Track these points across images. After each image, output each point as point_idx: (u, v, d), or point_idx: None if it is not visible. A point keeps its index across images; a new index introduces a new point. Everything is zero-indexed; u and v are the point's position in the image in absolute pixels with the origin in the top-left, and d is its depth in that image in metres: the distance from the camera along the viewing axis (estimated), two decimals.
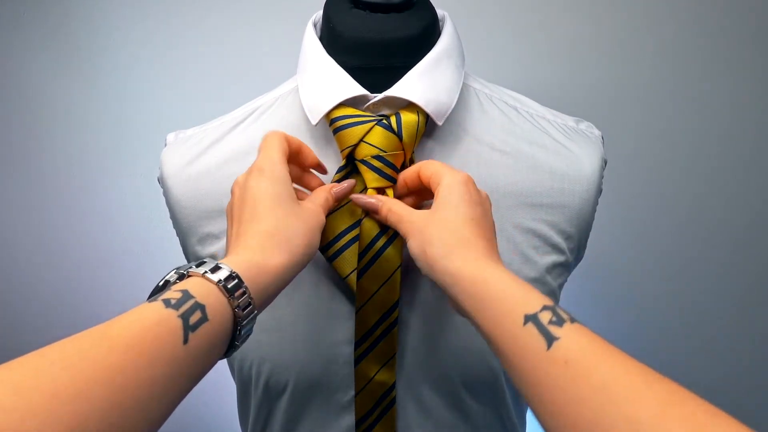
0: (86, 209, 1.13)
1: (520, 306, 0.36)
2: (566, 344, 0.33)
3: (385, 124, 0.46)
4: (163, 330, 0.31)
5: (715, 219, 0.99)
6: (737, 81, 0.92)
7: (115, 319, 0.32)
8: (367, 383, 0.50)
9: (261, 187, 0.42)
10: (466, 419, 0.53)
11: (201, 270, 0.36)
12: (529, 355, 0.34)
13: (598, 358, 0.32)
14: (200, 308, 0.33)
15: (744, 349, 1.05)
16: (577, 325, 0.34)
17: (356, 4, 0.48)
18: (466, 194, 0.42)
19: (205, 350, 0.34)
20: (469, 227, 0.41)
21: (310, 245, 0.42)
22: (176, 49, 1.01)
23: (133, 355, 0.30)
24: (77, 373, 0.27)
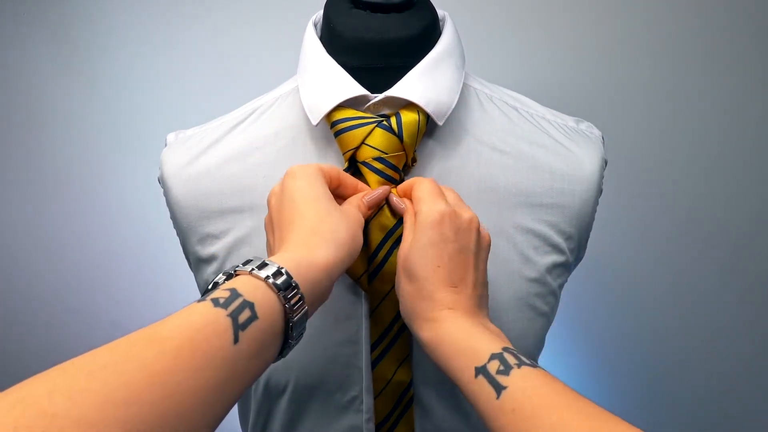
0: (86, 209, 1.13)
1: (471, 359, 0.38)
2: (512, 392, 0.34)
3: (386, 126, 0.46)
4: (212, 331, 0.30)
5: (715, 219, 0.99)
6: (737, 81, 0.92)
7: (163, 321, 0.31)
8: (386, 385, 0.50)
9: (298, 186, 0.42)
10: (466, 420, 0.53)
11: (248, 268, 0.35)
12: (483, 405, 0.36)
13: (544, 403, 0.33)
14: (249, 306, 0.33)
15: (745, 349, 1.05)
16: (525, 369, 0.35)
17: (356, 4, 0.48)
18: (435, 236, 0.43)
19: (257, 349, 0.33)
20: (434, 277, 0.42)
21: (355, 240, 0.42)
22: (176, 49, 1.01)
23: (184, 358, 0.29)
24: (128, 377, 0.27)
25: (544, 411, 0.32)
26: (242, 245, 0.51)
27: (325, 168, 0.45)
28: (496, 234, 0.50)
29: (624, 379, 1.09)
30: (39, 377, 0.26)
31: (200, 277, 0.54)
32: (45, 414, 0.24)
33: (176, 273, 1.10)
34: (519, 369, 0.35)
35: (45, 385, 0.26)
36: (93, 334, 1.20)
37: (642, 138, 0.97)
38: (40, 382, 0.26)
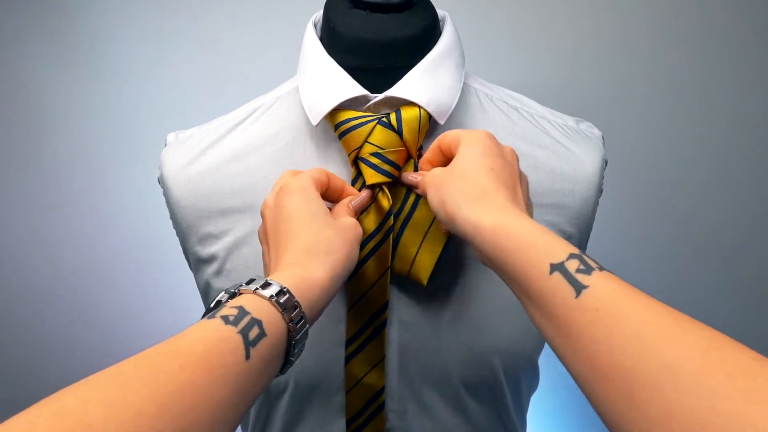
0: (86, 209, 1.13)
1: (546, 255, 0.34)
2: (595, 292, 0.32)
3: (385, 122, 0.46)
4: (225, 347, 0.31)
5: (715, 219, 0.99)
6: (738, 81, 0.92)
7: (179, 337, 0.31)
8: (355, 384, 0.50)
9: (293, 203, 0.42)
10: (466, 420, 0.53)
11: (252, 287, 0.36)
12: (557, 304, 0.33)
13: (630, 304, 0.31)
14: (257, 323, 0.33)
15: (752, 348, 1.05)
16: (605, 272, 0.33)
17: (356, 4, 0.48)
18: (485, 147, 0.42)
19: (265, 366, 0.34)
20: (488, 177, 0.40)
21: (349, 257, 0.42)
22: (176, 49, 1.01)
23: (203, 373, 0.29)
24: (157, 389, 0.27)
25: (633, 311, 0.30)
26: (242, 245, 0.51)
27: (315, 176, 0.45)
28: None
29: None
30: (71, 389, 0.27)
31: (200, 277, 0.54)
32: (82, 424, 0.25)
33: (176, 273, 1.10)
34: (600, 272, 0.33)
35: (79, 397, 0.26)
36: (93, 334, 1.20)
37: (642, 138, 0.97)
38: (74, 394, 0.26)
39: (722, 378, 0.25)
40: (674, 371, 0.27)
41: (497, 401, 0.54)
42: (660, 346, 0.28)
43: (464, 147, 0.43)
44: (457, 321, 0.50)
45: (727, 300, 1.03)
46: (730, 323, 1.04)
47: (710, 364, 0.26)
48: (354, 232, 0.43)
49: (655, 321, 0.29)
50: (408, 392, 0.52)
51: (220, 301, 0.36)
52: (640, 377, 0.28)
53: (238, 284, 0.37)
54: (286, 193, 0.43)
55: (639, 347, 0.29)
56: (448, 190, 0.40)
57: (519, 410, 0.58)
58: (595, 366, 0.30)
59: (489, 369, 0.51)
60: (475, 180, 0.40)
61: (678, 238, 1.01)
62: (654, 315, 0.30)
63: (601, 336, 0.30)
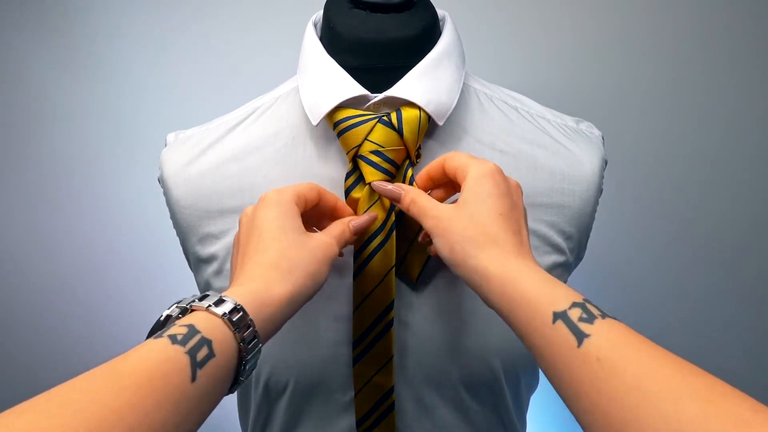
0: (86, 210, 1.13)
1: (549, 304, 0.35)
2: (597, 341, 0.32)
3: (386, 121, 0.46)
4: (171, 368, 0.31)
5: (715, 219, 0.99)
6: (738, 81, 0.92)
7: (122, 357, 0.31)
8: (365, 384, 0.50)
9: (268, 217, 0.42)
10: (466, 419, 0.53)
11: (205, 304, 0.35)
12: (560, 353, 0.33)
13: (631, 353, 0.31)
14: (207, 343, 0.33)
15: (747, 350, 1.05)
16: (609, 320, 0.33)
17: (356, 4, 0.48)
18: (494, 187, 0.42)
19: (212, 387, 0.33)
20: (497, 223, 0.40)
21: (315, 276, 0.41)
22: (176, 49, 1.01)
23: (143, 394, 0.29)
24: (88, 415, 0.27)
25: (633, 362, 0.30)
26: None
27: (302, 192, 0.44)
28: None
29: None
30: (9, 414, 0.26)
31: (200, 277, 0.54)
32: None
33: (176, 273, 1.10)
34: (603, 320, 0.33)
35: (4, 427, 0.25)
36: (92, 334, 1.20)
37: (642, 138, 0.97)
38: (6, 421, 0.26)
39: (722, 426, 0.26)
40: (673, 425, 0.27)
41: (497, 401, 0.54)
42: (660, 398, 0.28)
43: (472, 184, 0.42)
44: (457, 321, 0.50)
45: (728, 300, 1.03)
46: (731, 323, 1.04)
47: (710, 415, 0.27)
48: (325, 251, 0.42)
49: (655, 372, 0.30)
50: (408, 392, 0.52)
51: (170, 316, 0.35)
52: (637, 429, 0.28)
53: (191, 298, 0.36)
54: (264, 205, 0.43)
55: (638, 399, 0.29)
56: (457, 236, 0.41)
57: (519, 410, 0.58)
58: (596, 415, 0.31)
59: (489, 369, 0.51)
60: (483, 226, 0.40)
61: (678, 238, 1.01)
62: (655, 365, 0.30)
63: (602, 386, 0.31)
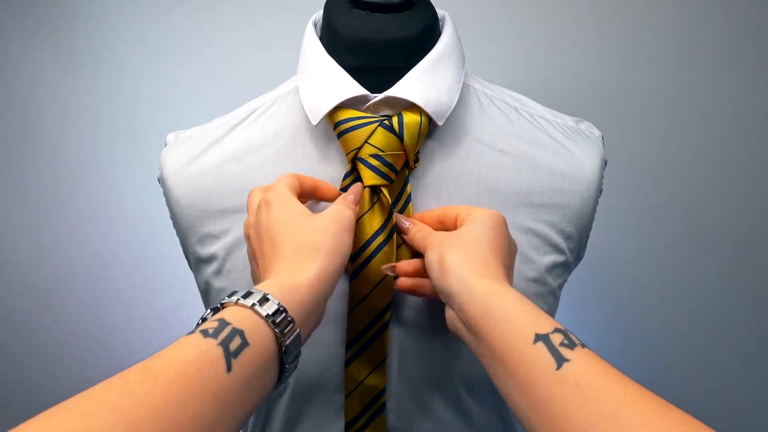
0: (86, 210, 1.13)
1: (532, 325, 0.36)
2: (577, 367, 0.33)
3: (387, 125, 0.46)
4: (204, 360, 0.31)
5: (715, 219, 0.99)
6: (739, 81, 0.92)
7: (156, 355, 0.31)
8: (356, 386, 0.50)
9: (273, 216, 0.42)
10: (466, 419, 0.53)
11: (234, 299, 0.36)
12: (537, 373, 0.34)
13: (610, 382, 0.32)
14: (239, 334, 0.33)
15: (748, 350, 1.05)
16: (587, 350, 0.34)
17: (356, 4, 0.49)
18: (496, 225, 0.44)
19: (252, 376, 0.33)
20: (491, 252, 0.42)
21: (337, 250, 0.41)
22: (176, 48, 1.01)
23: (178, 389, 0.29)
24: (124, 413, 0.27)
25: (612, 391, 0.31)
26: (242, 245, 0.51)
27: (287, 182, 0.45)
28: None
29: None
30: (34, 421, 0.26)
31: (200, 277, 0.54)
32: None
33: (176, 273, 1.10)
34: (582, 348, 0.34)
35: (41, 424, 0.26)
36: (92, 335, 1.20)
37: (642, 138, 0.97)
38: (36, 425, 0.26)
39: None
40: None
41: (497, 401, 0.54)
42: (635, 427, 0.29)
43: (475, 219, 0.44)
44: None
45: (729, 301, 1.03)
46: (732, 324, 1.04)
47: None
48: (338, 222, 0.42)
49: (633, 403, 0.30)
50: (408, 392, 0.52)
51: (205, 318, 0.36)
52: None
53: (222, 298, 0.37)
54: (264, 208, 0.43)
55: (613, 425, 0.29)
56: (450, 249, 0.42)
57: None
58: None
59: None
60: (478, 249, 0.42)
61: (678, 238, 1.01)
62: (632, 397, 0.31)
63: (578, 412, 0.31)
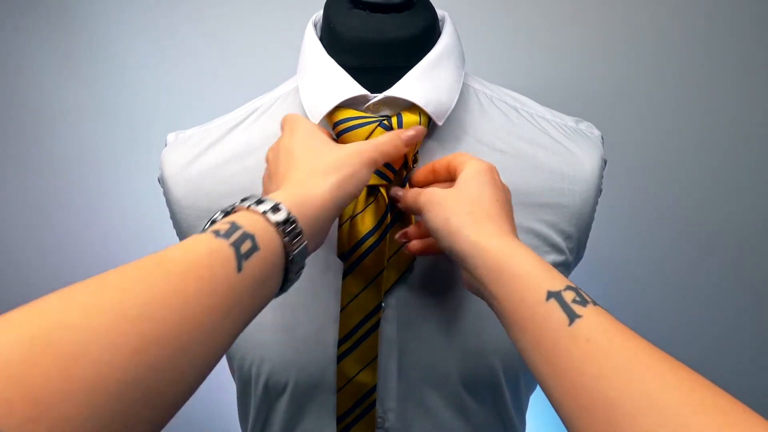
0: (86, 210, 1.13)
1: (544, 283, 0.36)
2: (589, 323, 0.33)
3: (386, 125, 0.46)
4: (216, 258, 0.31)
5: (715, 219, 0.99)
6: (740, 81, 0.92)
7: (167, 249, 0.31)
8: (347, 383, 0.50)
9: (294, 138, 0.43)
10: (466, 419, 0.53)
11: (246, 204, 0.36)
12: (549, 329, 0.34)
13: (622, 339, 0.32)
14: (250, 238, 0.33)
15: (750, 351, 1.05)
16: (599, 307, 0.34)
17: (356, 4, 0.49)
18: (491, 179, 0.43)
19: (260, 281, 0.34)
20: (494, 206, 0.42)
21: (354, 178, 0.41)
22: (176, 48, 1.01)
23: (189, 281, 0.29)
24: (139, 295, 0.27)
25: (623, 346, 0.31)
26: None
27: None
28: None
29: None
30: (50, 295, 0.27)
31: None
32: (61, 325, 0.24)
33: None
34: (594, 306, 0.34)
35: (59, 301, 0.26)
36: None
37: (642, 138, 0.97)
38: (53, 297, 0.26)
39: (703, 416, 0.27)
40: (658, 405, 0.28)
41: (497, 401, 0.54)
42: (646, 382, 0.29)
43: (470, 172, 0.43)
44: (456, 320, 0.50)
45: (729, 300, 1.03)
46: (733, 324, 1.04)
47: (693, 402, 0.28)
48: (360, 155, 0.42)
49: (643, 358, 0.30)
50: (407, 392, 0.52)
51: (215, 220, 0.36)
52: (623, 408, 0.29)
53: (233, 203, 0.37)
54: (288, 132, 0.44)
55: (625, 379, 0.30)
56: (454, 209, 0.41)
57: (519, 410, 0.58)
58: (579, 394, 0.31)
59: (488, 369, 0.51)
60: (482, 205, 0.41)
61: (678, 238, 1.01)
62: (642, 352, 0.31)
63: (589, 365, 0.31)
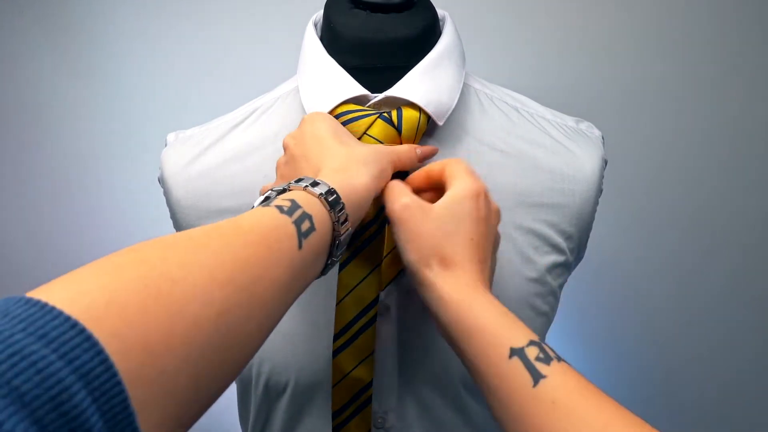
0: (86, 210, 1.13)
1: (506, 339, 0.35)
2: (553, 383, 0.33)
3: (386, 118, 0.46)
4: (282, 233, 0.32)
5: (716, 219, 0.99)
6: (743, 82, 0.92)
7: (239, 218, 0.32)
8: (342, 378, 0.49)
9: (323, 127, 0.43)
10: (466, 419, 0.53)
11: (302, 184, 0.37)
12: (514, 390, 0.34)
13: (587, 402, 0.32)
14: (308, 218, 0.34)
15: (752, 351, 1.05)
16: (563, 364, 0.34)
17: (356, 4, 0.49)
18: (474, 210, 0.41)
19: (312, 260, 0.34)
20: (465, 248, 0.40)
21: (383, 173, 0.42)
22: (176, 48, 1.01)
23: (263, 251, 0.30)
24: (225, 259, 0.28)
25: (589, 410, 0.31)
26: None
27: None
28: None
29: (624, 382, 1.09)
30: (147, 245, 0.27)
31: None
32: (167, 277, 0.25)
33: None
34: (558, 363, 0.34)
35: (160, 253, 0.26)
36: None
37: (642, 138, 0.96)
38: (153, 249, 0.27)
39: None
40: None
41: None
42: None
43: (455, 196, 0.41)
44: None
45: (732, 300, 1.03)
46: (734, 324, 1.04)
47: None
48: (390, 154, 0.43)
49: (610, 423, 0.30)
50: (407, 392, 0.52)
51: (268, 197, 0.37)
52: None
53: (285, 184, 0.38)
54: (310, 122, 0.44)
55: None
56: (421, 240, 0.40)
57: None
58: None
59: None
60: (452, 245, 0.40)
61: (679, 237, 1.01)
62: (609, 416, 0.31)
63: (555, 430, 0.31)
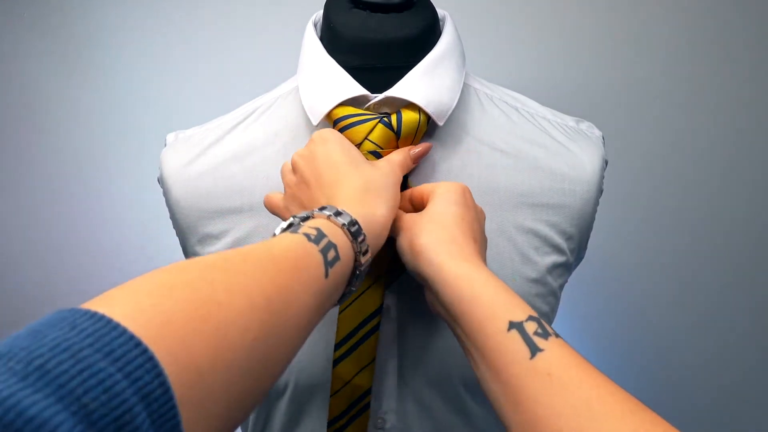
0: (86, 210, 1.13)
1: (506, 312, 0.35)
2: (550, 357, 0.33)
3: (386, 122, 0.46)
4: (310, 261, 0.33)
5: (716, 219, 0.99)
6: (745, 83, 0.92)
7: (268, 242, 0.33)
8: (343, 386, 0.49)
9: (334, 150, 0.43)
10: (466, 420, 0.53)
11: (325, 213, 0.37)
12: (510, 362, 0.34)
13: (582, 375, 0.32)
14: (334, 247, 0.35)
15: (756, 350, 1.04)
16: (561, 340, 0.34)
17: (356, 4, 0.48)
18: (460, 198, 0.43)
19: (335, 288, 0.35)
20: (459, 227, 0.41)
21: (395, 199, 0.43)
22: (176, 48, 1.01)
23: (294, 278, 0.31)
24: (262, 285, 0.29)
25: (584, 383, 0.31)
26: (242, 245, 0.50)
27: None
28: (497, 234, 0.50)
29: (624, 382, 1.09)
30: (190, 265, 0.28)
31: None
32: (212, 300, 0.26)
33: None
34: (556, 339, 0.34)
35: (206, 276, 0.27)
36: None
37: (642, 138, 0.96)
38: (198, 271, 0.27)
39: None
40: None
41: None
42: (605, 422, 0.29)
43: (438, 195, 0.44)
44: None
45: (733, 300, 1.03)
46: (735, 324, 1.04)
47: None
48: (395, 177, 0.44)
49: (604, 397, 0.31)
50: (408, 393, 0.52)
51: (291, 224, 0.37)
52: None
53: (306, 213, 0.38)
54: (321, 142, 0.43)
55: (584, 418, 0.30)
56: (418, 231, 0.42)
57: None
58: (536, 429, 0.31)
59: None
60: (445, 225, 0.41)
61: (679, 238, 1.01)
62: (604, 391, 0.31)
63: (549, 401, 0.31)
